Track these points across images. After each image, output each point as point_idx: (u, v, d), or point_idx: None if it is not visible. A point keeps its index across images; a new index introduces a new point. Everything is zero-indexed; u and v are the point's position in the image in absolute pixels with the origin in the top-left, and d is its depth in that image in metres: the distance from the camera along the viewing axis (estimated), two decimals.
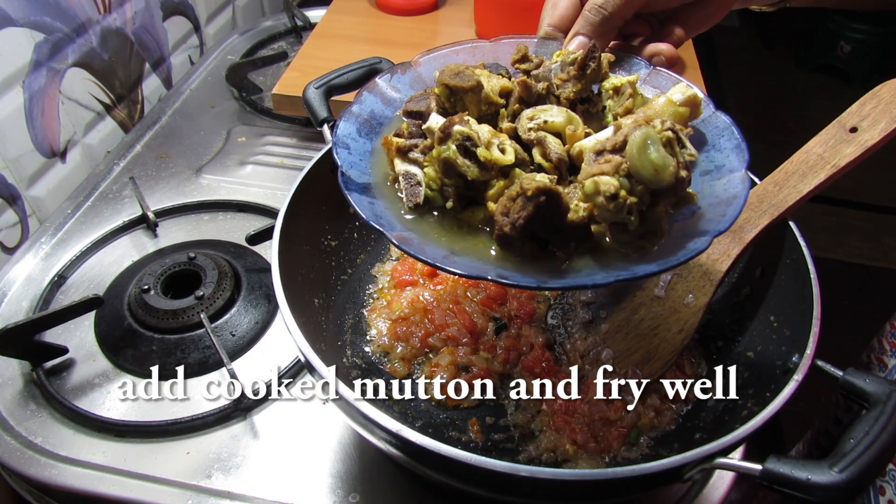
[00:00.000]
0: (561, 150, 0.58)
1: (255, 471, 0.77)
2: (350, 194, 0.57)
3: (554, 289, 0.58)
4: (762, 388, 0.69)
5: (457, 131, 0.55)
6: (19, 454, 0.77)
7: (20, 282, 0.98)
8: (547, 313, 0.89)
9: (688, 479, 0.57)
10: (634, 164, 0.51)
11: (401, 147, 0.60)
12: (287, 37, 1.61)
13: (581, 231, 0.54)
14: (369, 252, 0.96)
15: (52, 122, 1.13)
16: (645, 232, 0.54)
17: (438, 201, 0.58)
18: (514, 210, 0.52)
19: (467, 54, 0.73)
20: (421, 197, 0.58)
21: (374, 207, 0.58)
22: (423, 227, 0.58)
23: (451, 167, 0.56)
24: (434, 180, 0.57)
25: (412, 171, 0.59)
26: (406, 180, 0.59)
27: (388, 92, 0.69)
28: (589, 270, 0.54)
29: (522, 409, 0.79)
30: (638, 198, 0.52)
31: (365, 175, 0.61)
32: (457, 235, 0.57)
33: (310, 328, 0.73)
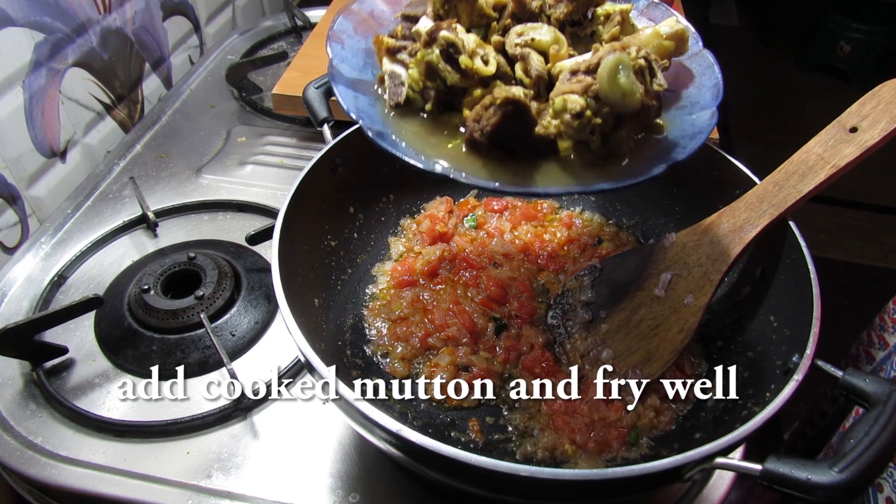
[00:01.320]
0: (542, 68, 0.59)
1: (255, 471, 0.77)
2: (336, 86, 0.60)
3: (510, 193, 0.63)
4: (762, 388, 0.69)
5: (442, 37, 0.57)
6: (19, 454, 0.77)
7: (20, 282, 0.98)
8: (547, 313, 0.89)
9: (688, 479, 0.57)
10: (603, 87, 0.54)
11: (390, 47, 0.62)
12: (287, 37, 1.61)
13: (546, 145, 0.57)
14: (369, 252, 0.96)
15: (52, 122, 1.13)
16: (607, 154, 0.57)
17: (419, 103, 0.60)
18: (486, 117, 0.55)
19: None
20: (402, 97, 0.60)
21: (357, 101, 0.61)
22: (402, 125, 0.61)
23: (433, 71, 0.58)
24: (417, 82, 0.60)
25: (397, 71, 0.61)
26: (391, 80, 0.61)
27: None
28: (547, 182, 0.57)
29: (522, 409, 0.79)
30: (603, 119, 0.54)
31: (355, 71, 0.64)
32: (432, 137, 0.60)
33: (310, 328, 0.73)
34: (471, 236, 0.99)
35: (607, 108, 0.54)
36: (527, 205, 1.03)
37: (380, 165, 0.96)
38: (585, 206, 1.04)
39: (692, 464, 0.55)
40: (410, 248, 0.97)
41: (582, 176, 0.57)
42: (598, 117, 0.54)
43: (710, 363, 0.83)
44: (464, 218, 1.01)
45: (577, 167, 0.57)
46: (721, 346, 0.83)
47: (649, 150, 0.59)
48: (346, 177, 0.89)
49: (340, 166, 0.87)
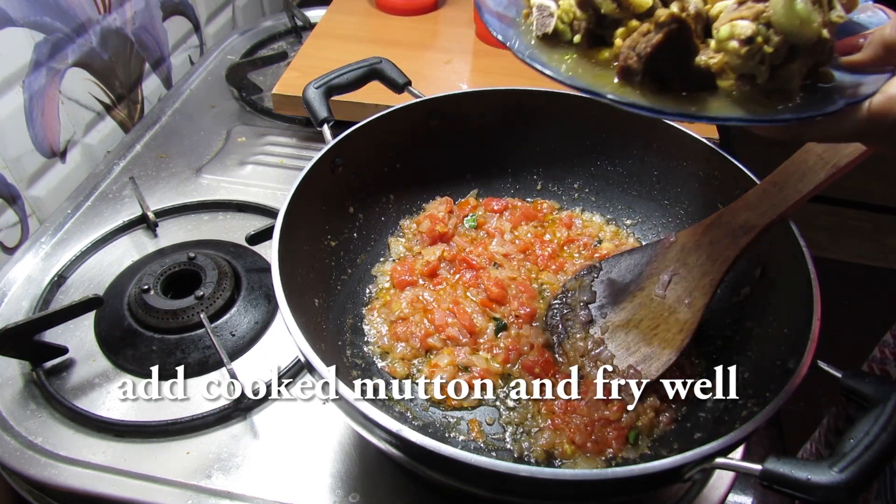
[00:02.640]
0: (700, 5, 0.55)
1: (255, 471, 0.77)
2: (483, 15, 0.59)
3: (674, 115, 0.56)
4: (762, 388, 0.69)
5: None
6: (19, 454, 0.77)
7: (20, 282, 0.98)
8: (547, 313, 0.89)
9: (688, 480, 0.57)
10: (777, 12, 0.49)
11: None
12: (287, 37, 1.61)
13: (706, 77, 0.53)
14: (369, 252, 0.96)
15: (52, 122, 1.13)
16: (773, 89, 0.52)
17: (567, 35, 0.58)
18: (644, 41, 0.52)
19: None
20: (551, 27, 0.58)
21: (505, 29, 0.59)
22: (550, 57, 0.58)
23: (586, 0, 0.56)
24: (567, 12, 0.57)
25: (546, 3, 0.59)
26: (539, 12, 0.59)
27: None
28: (714, 110, 0.52)
29: (522, 409, 0.79)
30: (774, 49, 0.50)
31: (500, 7, 0.62)
32: (580, 69, 0.57)
33: (310, 328, 0.73)
34: (471, 236, 0.99)
35: (780, 36, 0.50)
36: (527, 205, 1.03)
37: (380, 165, 0.96)
38: (585, 206, 1.04)
39: (692, 464, 0.55)
40: (410, 248, 0.97)
41: (750, 108, 0.52)
42: (768, 46, 0.50)
43: (710, 363, 0.83)
44: (464, 218, 1.01)
45: (740, 101, 0.52)
46: (721, 346, 0.83)
47: (818, 93, 0.53)
48: (346, 177, 0.89)
49: (340, 166, 0.87)
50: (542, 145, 1.02)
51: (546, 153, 1.03)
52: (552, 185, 1.05)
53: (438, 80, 1.34)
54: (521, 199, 1.04)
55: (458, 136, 0.99)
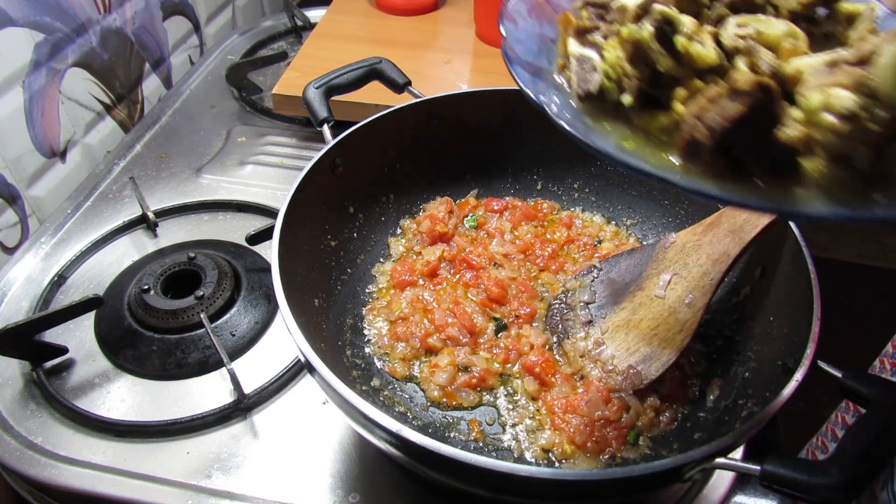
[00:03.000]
0: (775, 63, 0.47)
1: (255, 471, 0.77)
2: (513, 67, 0.51)
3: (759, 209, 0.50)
4: (762, 388, 0.69)
5: (657, 10, 0.47)
6: (19, 454, 0.77)
7: (20, 282, 0.98)
8: (547, 313, 0.89)
9: (687, 480, 0.57)
10: (887, 82, 0.40)
11: (580, 27, 0.53)
12: (287, 37, 1.61)
13: (787, 154, 0.43)
14: (369, 252, 0.96)
15: (52, 122, 1.13)
16: (875, 175, 0.42)
17: (613, 94, 0.49)
18: (715, 112, 0.42)
19: None
20: (595, 84, 0.49)
21: (536, 84, 0.51)
22: (592, 118, 0.50)
23: (641, 53, 0.47)
24: (615, 67, 0.49)
25: (588, 54, 0.51)
26: (580, 64, 0.51)
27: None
28: (806, 202, 0.42)
29: (522, 409, 0.79)
30: (881, 127, 0.40)
31: (530, 55, 0.54)
32: (626, 135, 0.48)
33: (310, 328, 0.73)
34: (471, 236, 0.99)
35: (889, 113, 0.40)
36: (527, 205, 1.03)
37: (380, 165, 0.96)
38: (585, 206, 1.04)
39: (692, 464, 0.55)
40: (410, 248, 0.97)
41: (847, 199, 0.42)
42: (873, 123, 0.40)
43: (710, 363, 0.83)
44: (464, 218, 1.01)
45: (832, 189, 0.43)
46: (721, 346, 0.83)
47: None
48: (346, 177, 0.89)
49: (340, 166, 0.87)
50: (542, 145, 1.02)
51: (546, 153, 1.03)
52: (552, 185, 1.05)
53: (438, 80, 1.34)
54: (521, 199, 1.04)
55: (458, 136, 0.99)
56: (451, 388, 0.80)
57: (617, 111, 0.49)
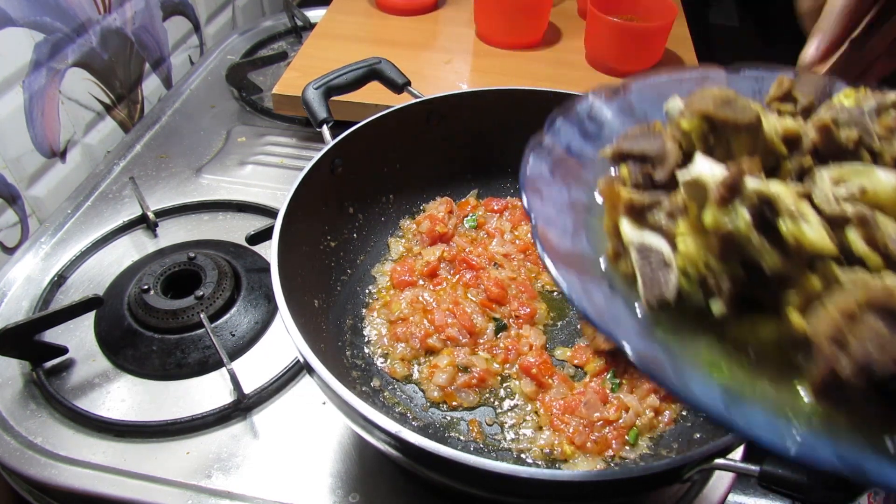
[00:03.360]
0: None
1: (255, 471, 0.77)
2: (556, 268, 0.38)
3: None
4: None
5: (753, 190, 0.35)
6: (19, 454, 0.77)
7: (20, 282, 0.98)
8: (547, 314, 0.89)
9: (687, 480, 0.57)
10: None
11: (635, 204, 0.41)
12: (287, 37, 1.61)
13: None
14: (369, 253, 0.96)
15: (52, 122, 1.13)
16: None
17: (696, 298, 0.37)
18: (869, 340, 0.31)
19: (694, 85, 0.54)
20: (672, 288, 0.37)
21: (591, 293, 0.38)
22: (676, 340, 0.37)
23: (734, 247, 0.35)
24: (695, 263, 0.37)
25: (654, 243, 0.39)
26: (643, 257, 0.39)
27: (587, 123, 0.53)
28: None
29: (522, 410, 0.79)
30: None
31: (566, 238, 0.43)
32: (713, 356, 0.36)
33: (309, 329, 0.73)
34: (471, 236, 0.99)
35: None
36: None
37: (380, 165, 0.96)
38: None
39: (691, 464, 0.55)
40: (410, 248, 0.97)
41: None
42: None
43: None
44: (464, 218, 1.01)
45: None
46: None
47: None
48: (346, 177, 0.89)
49: (340, 167, 0.87)
50: None
51: None
52: None
53: (438, 80, 1.34)
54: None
55: (458, 135, 0.99)
56: (450, 388, 0.80)
57: (698, 317, 0.37)
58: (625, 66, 1.36)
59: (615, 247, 0.41)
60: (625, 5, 1.39)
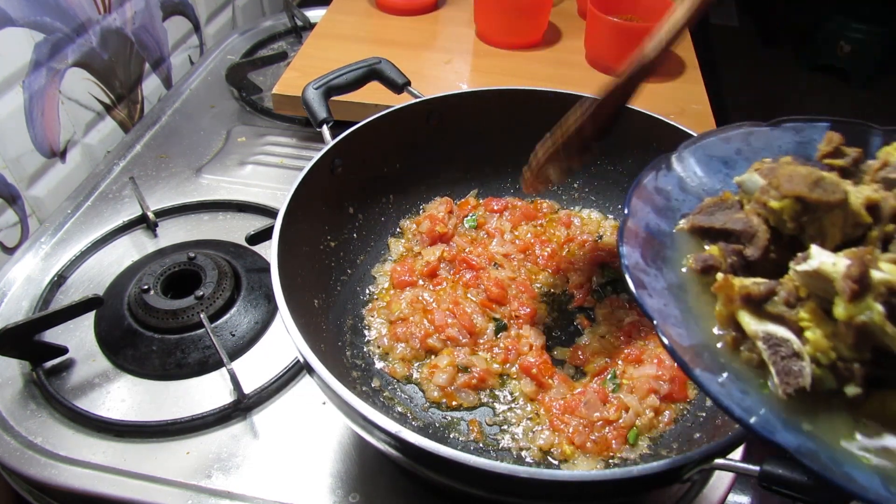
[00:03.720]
0: None
1: (255, 471, 0.77)
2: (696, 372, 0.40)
3: None
4: None
5: (880, 280, 0.37)
6: (19, 454, 0.77)
7: (20, 282, 0.98)
8: (547, 314, 0.89)
9: (687, 480, 0.57)
10: None
11: (753, 294, 0.42)
12: (287, 37, 1.61)
13: None
14: (369, 253, 0.96)
15: (52, 122, 1.13)
16: None
17: (828, 383, 0.39)
18: None
19: (741, 142, 0.58)
20: (807, 377, 0.39)
21: (732, 392, 0.40)
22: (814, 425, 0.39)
23: (867, 336, 0.37)
24: (826, 352, 0.39)
25: (782, 334, 0.40)
26: (772, 349, 0.40)
27: (656, 197, 0.54)
28: None
29: (521, 410, 0.79)
30: None
31: (681, 328, 0.44)
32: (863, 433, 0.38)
33: (309, 329, 0.73)
34: (471, 236, 0.99)
35: None
36: (527, 204, 1.03)
37: (380, 165, 0.96)
38: (585, 205, 1.04)
39: (691, 464, 0.55)
40: (410, 248, 0.97)
41: None
42: None
43: None
44: (464, 218, 1.01)
45: None
46: None
47: None
48: (346, 177, 0.89)
49: (340, 167, 0.87)
50: None
51: None
52: (552, 185, 1.05)
53: (438, 80, 1.34)
54: (521, 199, 1.04)
55: (458, 136, 0.99)
56: (450, 388, 0.80)
57: (829, 398, 0.39)
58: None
59: (733, 334, 0.42)
60: (625, 5, 1.39)
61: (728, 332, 0.43)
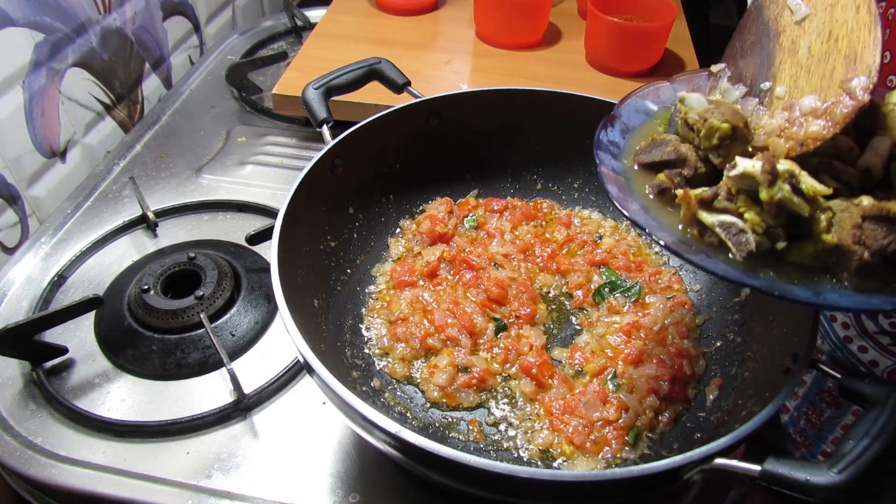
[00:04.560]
0: (855, 171, 0.57)
1: (255, 471, 0.77)
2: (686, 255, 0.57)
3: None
4: (762, 388, 0.69)
5: (783, 171, 0.54)
6: (19, 454, 0.77)
7: (20, 282, 0.98)
8: (548, 314, 0.89)
9: (687, 480, 0.57)
10: None
11: (704, 198, 0.58)
12: (287, 37, 1.61)
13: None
14: (369, 253, 0.96)
15: (52, 122, 1.13)
16: None
17: (765, 245, 0.56)
18: (876, 236, 0.52)
19: (653, 95, 0.74)
20: (753, 243, 0.55)
21: (708, 262, 0.56)
22: (761, 272, 0.56)
23: (782, 208, 0.54)
24: (759, 224, 0.55)
25: (729, 220, 0.56)
26: (725, 230, 0.56)
27: (611, 147, 0.69)
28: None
29: (521, 410, 0.79)
30: None
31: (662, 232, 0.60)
32: (794, 274, 0.56)
33: (309, 329, 0.73)
34: (471, 236, 0.99)
35: None
36: (527, 205, 1.03)
37: (380, 166, 0.96)
38: (585, 205, 1.04)
39: (691, 464, 0.55)
40: (410, 248, 0.97)
41: None
42: None
43: (710, 363, 0.83)
44: (464, 218, 1.01)
45: None
46: (721, 346, 0.83)
47: None
48: (346, 177, 0.89)
49: (340, 167, 0.87)
50: (542, 145, 1.02)
51: (546, 153, 1.03)
52: (552, 185, 1.05)
53: (438, 80, 1.34)
54: (521, 199, 1.04)
55: (458, 136, 0.99)
56: (450, 388, 0.80)
57: (767, 255, 0.56)
58: (625, 66, 1.36)
59: (695, 231, 0.59)
60: (625, 5, 1.39)
61: (692, 228, 0.59)
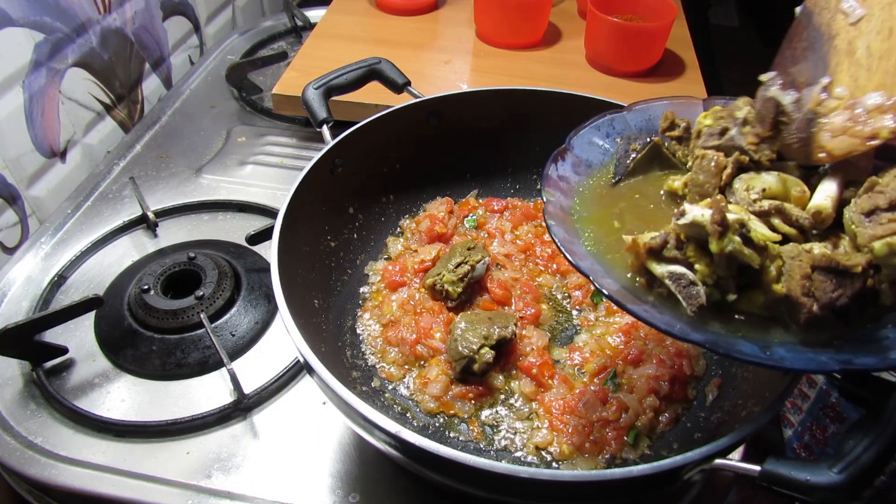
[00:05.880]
0: (807, 214, 0.55)
1: (255, 471, 0.77)
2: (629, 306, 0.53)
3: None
4: (762, 388, 0.69)
5: (733, 221, 0.51)
6: (19, 454, 0.77)
7: (20, 282, 0.98)
8: (551, 314, 0.89)
9: (687, 480, 0.57)
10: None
11: (653, 247, 0.55)
12: (287, 37, 1.61)
13: (871, 295, 0.52)
14: (369, 253, 0.96)
15: (52, 122, 1.13)
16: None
17: (715, 296, 0.53)
18: (825, 288, 0.50)
19: (607, 126, 0.72)
20: (703, 296, 0.53)
21: (655, 315, 0.53)
22: (720, 327, 0.53)
23: (733, 259, 0.52)
24: (709, 276, 0.53)
25: (679, 270, 0.54)
26: (675, 282, 0.54)
27: (560, 183, 0.67)
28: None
29: (521, 410, 0.79)
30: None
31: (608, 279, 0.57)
32: (743, 326, 0.54)
33: (309, 329, 0.73)
34: (471, 237, 0.99)
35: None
36: (527, 205, 1.03)
37: (380, 166, 0.96)
38: None
39: (691, 464, 0.55)
40: (408, 247, 0.97)
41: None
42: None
43: (710, 363, 0.83)
44: (464, 218, 1.01)
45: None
46: None
47: None
48: (346, 177, 0.89)
49: (340, 167, 0.87)
50: (542, 145, 1.02)
51: (546, 153, 1.02)
52: None
53: (438, 80, 1.34)
54: (521, 199, 1.04)
55: (458, 136, 0.99)
56: (446, 397, 0.79)
57: (716, 307, 0.54)
58: (625, 66, 1.36)
59: (643, 280, 0.57)
60: (625, 5, 1.39)
61: (641, 277, 0.57)
